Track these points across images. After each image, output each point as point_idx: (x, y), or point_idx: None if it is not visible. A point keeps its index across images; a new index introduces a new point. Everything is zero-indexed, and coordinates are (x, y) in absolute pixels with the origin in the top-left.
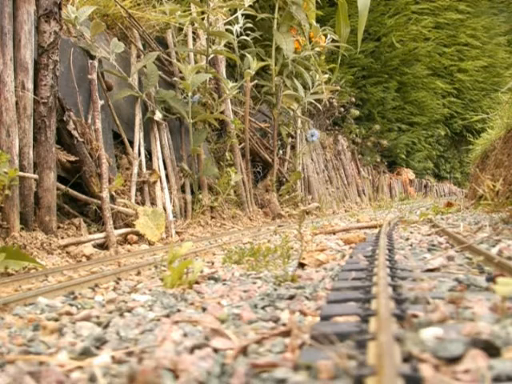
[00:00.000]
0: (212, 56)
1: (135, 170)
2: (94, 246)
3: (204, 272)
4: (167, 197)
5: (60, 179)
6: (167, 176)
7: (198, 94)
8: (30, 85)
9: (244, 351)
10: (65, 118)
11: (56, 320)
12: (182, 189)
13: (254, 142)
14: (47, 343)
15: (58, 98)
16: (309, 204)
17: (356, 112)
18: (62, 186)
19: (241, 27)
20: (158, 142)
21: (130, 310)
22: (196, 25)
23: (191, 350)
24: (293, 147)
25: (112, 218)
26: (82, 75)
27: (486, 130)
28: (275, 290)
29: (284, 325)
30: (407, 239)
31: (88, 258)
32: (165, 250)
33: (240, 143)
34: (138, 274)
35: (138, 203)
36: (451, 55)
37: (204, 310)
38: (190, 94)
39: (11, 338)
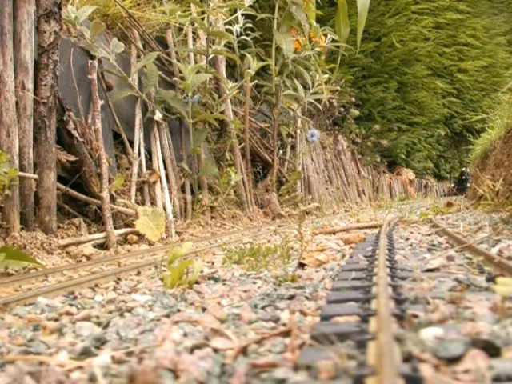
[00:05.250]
0: (212, 56)
1: (135, 170)
2: (94, 246)
3: (204, 272)
4: (167, 197)
5: (60, 179)
6: (167, 176)
7: (198, 94)
8: (30, 85)
9: (244, 351)
10: (65, 118)
11: (56, 320)
12: (182, 189)
13: (254, 141)
14: (47, 343)
15: (58, 98)
16: (309, 204)
17: (356, 112)
18: (62, 186)
19: (241, 27)
20: (158, 142)
21: (130, 310)
22: (196, 25)
23: (191, 350)
24: (293, 147)
25: (112, 218)
26: (82, 75)
27: (486, 129)
28: (275, 289)
29: (284, 325)
30: (407, 239)
31: (88, 258)
32: (165, 250)
33: (240, 143)
34: (138, 273)
35: (138, 203)
36: (451, 55)
37: (204, 310)
38: (190, 93)
39: (11, 338)
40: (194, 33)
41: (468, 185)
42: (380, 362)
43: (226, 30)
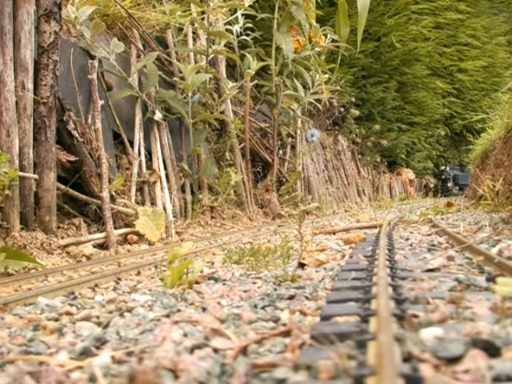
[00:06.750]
0: (212, 56)
1: (135, 170)
2: (94, 246)
3: (204, 272)
4: (167, 197)
5: (60, 179)
6: (167, 176)
7: (198, 94)
8: (30, 85)
9: (244, 351)
10: (65, 118)
11: (56, 320)
12: (182, 189)
13: (254, 141)
14: (47, 343)
15: (58, 98)
16: (309, 204)
17: (356, 112)
18: (62, 186)
19: (241, 27)
20: (158, 142)
21: (130, 310)
22: (196, 25)
23: (191, 350)
24: (293, 147)
25: (112, 218)
26: (82, 75)
27: (486, 129)
28: (275, 289)
29: (284, 325)
30: (407, 239)
31: (88, 257)
32: (165, 250)
33: (240, 143)
34: (138, 273)
35: (138, 203)
36: (451, 55)
37: (204, 310)
38: (190, 93)
39: (11, 338)
40: (194, 33)
41: (449, 185)
42: (380, 362)
43: (226, 29)
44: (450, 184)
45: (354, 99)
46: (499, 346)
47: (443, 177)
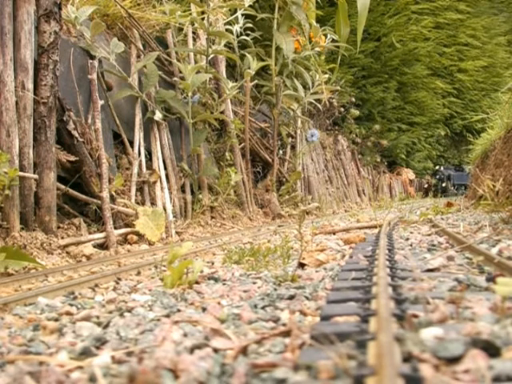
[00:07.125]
0: (212, 56)
1: (135, 170)
2: (94, 246)
3: (204, 272)
4: (167, 197)
5: (60, 179)
6: (167, 176)
7: (198, 94)
8: (30, 85)
9: (244, 351)
10: (65, 118)
11: (56, 320)
12: (182, 189)
13: (254, 141)
14: (47, 343)
15: (58, 98)
16: (309, 204)
17: (356, 112)
18: (62, 186)
19: (241, 27)
20: (158, 142)
21: (130, 310)
22: (196, 25)
23: (191, 350)
24: (293, 147)
25: (112, 218)
26: (82, 75)
27: (486, 129)
28: (275, 289)
29: (284, 325)
30: (407, 239)
31: (88, 258)
32: (165, 250)
33: (240, 143)
34: (138, 273)
35: (138, 203)
36: (451, 55)
37: (204, 310)
38: (190, 93)
39: (11, 338)
40: (194, 33)
41: (444, 184)
42: (380, 362)
43: (226, 30)
44: (444, 184)
45: (354, 99)
46: (499, 346)
47: (437, 177)
